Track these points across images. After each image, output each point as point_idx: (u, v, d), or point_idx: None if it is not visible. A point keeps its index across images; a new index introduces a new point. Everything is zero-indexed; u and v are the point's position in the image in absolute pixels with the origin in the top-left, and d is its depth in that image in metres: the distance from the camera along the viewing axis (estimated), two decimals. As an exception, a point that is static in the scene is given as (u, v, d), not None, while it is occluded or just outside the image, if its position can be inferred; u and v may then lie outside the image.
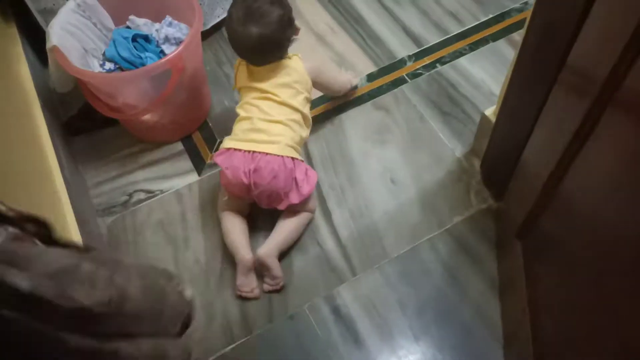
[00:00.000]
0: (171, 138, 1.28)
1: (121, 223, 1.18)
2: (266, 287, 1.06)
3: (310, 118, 1.13)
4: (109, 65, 1.16)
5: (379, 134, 1.27)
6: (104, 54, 1.18)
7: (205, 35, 1.46)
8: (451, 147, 1.23)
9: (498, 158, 1.08)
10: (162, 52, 1.20)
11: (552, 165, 0.78)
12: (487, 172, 1.15)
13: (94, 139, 1.31)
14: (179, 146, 1.29)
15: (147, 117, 1.16)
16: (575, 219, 0.76)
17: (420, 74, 1.36)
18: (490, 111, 1.11)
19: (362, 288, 1.06)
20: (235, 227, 1.08)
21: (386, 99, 1.33)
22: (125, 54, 1.16)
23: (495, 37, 1.42)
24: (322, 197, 1.18)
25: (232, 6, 1.04)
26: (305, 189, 1.06)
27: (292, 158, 1.05)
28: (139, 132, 1.27)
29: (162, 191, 1.22)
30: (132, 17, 1.22)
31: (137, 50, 1.18)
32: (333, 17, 1.51)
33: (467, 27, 1.44)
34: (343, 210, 1.16)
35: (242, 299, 1.06)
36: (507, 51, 1.38)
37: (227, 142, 1.05)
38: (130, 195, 1.21)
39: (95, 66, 1.16)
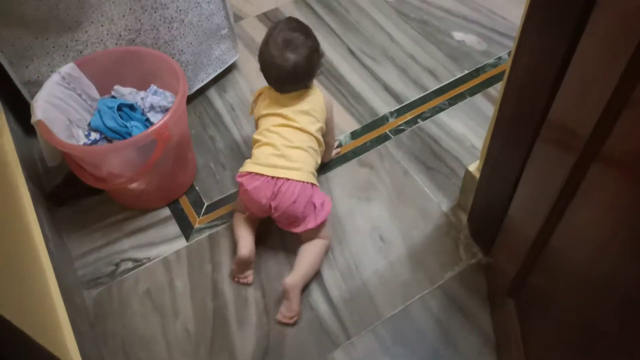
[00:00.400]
0: (157, 204, 1.28)
1: (107, 294, 1.15)
2: (280, 317, 1.08)
3: (323, 143, 1.20)
4: (94, 136, 1.16)
5: (365, 191, 1.28)
6: (89, 124, 1.18)
7: (190, 98, 1.48)
8: (437, 201, 1.25)
9: (484, 213, 1.09)
10: (147, 120, 1.21)
11: (540, 221, 0.79)
12: (474, 227, 1.16)
13: (79, 207, 1.30)
14: (166, 212, 1.28)
15: (133, 185, 1.15)
16: (567, 275, 0.75)
17: (403, 130, 1.39)
18: (474, 167, 1.13)
19: (356, 352, 1.04)
20: (243, 225, 1.16)
21: (371, 155, 1.35)
22: (110, 123, 1.16)
23: (472, 92, 1.46)
24: (311, 258, 1.17)
25: (269, 36, 1.13)
26: (321, 215, 1.11)
27: (312, 184, 1.11)
28: (125, 200, 1.26)
29: (149, 259, 1.20)
30: (117, 87, 1.23)
31: (122, 119, 1.19)
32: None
33: (444, 83, 1.49)
34: (333, 271, 1.15)
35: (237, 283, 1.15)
36: (484, 105, 1.43)
37: (250, 166, 1.11)
38: (117, 264, 1.19)
39: (80, 137, 1.16)
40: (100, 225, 1.26)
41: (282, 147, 1.10)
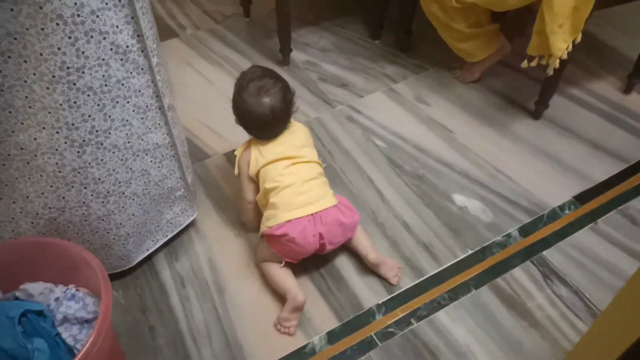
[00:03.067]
0: None
1: None
2: (394, 280, 1.19)
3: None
4: (-20, 363, 0.86)
5: None
6: (-24, 345, 0.88)
7: (132, 268, 1.19)
8: None
9: None
10: (58, 335, 0.91)
11: None
12: None
13: None
14: None
15: None
16: None
17: (393, 334, 1.11)
18: None
19: None
20: (285, 273, 1.15)
21: (351, 371, 1.07)
22: (7, 343, 0.86)
23: (477, 282, 1.20)
24: None
25: (240, 88, 1.17)
26: (352, 206, 1.20)
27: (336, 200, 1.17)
28: None
29: None
30: (25, 285, 0.94)
31: (25, 332, 0.89)
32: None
33: (443, 267, 1.23)
34: None
35: (278, 332, 1.11)
36: (492, 303, 1.16)
37: (286, 214, 1.10)
38: None
39: (-41, 365, 0.85)
40: None
41: (302, 183, 1.14)
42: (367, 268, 1.22)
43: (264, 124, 1.16)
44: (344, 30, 1.96)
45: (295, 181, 1.14)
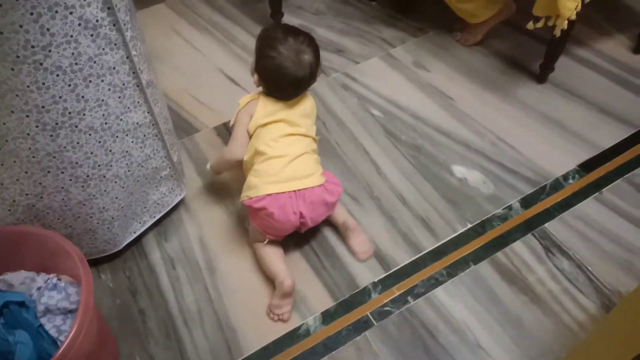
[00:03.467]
0: None
1: None
2: (362, 255, 1.16)
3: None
4: (-40, 358, 0.84)
5: (338, 410, 0.97)
6: (-45, 338, 0.86)
7: (120, 251, 1.16)
8: None
9: None
10: (41, 326, 0.88)
11: None
12: None
13: None
14: None
15: None
16: None
17: (389, 313, 1.09)
18: None
19: None
20: (274, 255, 1.12)
21: (347, 352, 1.04)
22: (-14, 336, 0.84)
23: (476, 257, 1.17)
24: None
25: (276, 46, 1.07)
26: (336, 180, 1.16)
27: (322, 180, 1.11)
28: None
29: None
30: (5, 275, 0.91)
31: (6, 324, 0.86)
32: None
33: (442, 242, 1.19)
34: None
35: (272, 320, 1.07)
36: (492, 279, 1.13)
37: (268, 187, 1.06)
38: None
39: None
40: None
41: (292, 156, 1.08)
42: (362, 245, 1.18)
43: (296, 86, 1.10)
44: (339, -9, 1.87)
45: (285, 154, 1.08)
